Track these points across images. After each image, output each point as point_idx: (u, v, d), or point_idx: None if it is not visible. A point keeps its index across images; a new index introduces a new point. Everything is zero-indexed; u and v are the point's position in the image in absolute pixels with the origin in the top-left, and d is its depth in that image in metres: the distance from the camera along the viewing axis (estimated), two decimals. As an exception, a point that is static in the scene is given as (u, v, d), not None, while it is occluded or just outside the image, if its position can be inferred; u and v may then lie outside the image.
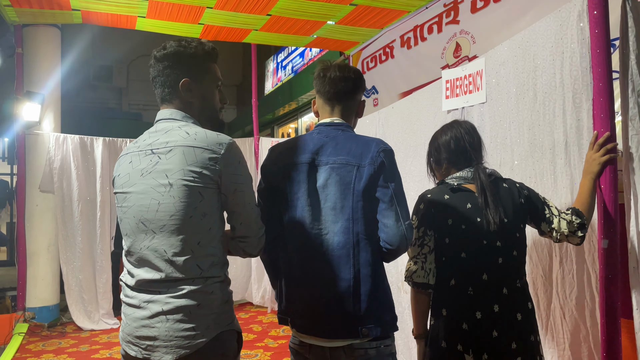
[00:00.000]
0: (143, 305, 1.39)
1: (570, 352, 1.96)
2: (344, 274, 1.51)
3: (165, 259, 1.38)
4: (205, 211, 1.40)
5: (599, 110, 1.68)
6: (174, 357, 1.34)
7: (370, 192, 1.52)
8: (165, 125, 1.47)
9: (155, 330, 1.36)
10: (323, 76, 1.65)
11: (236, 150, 1.45)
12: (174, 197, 1.37)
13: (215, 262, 1.43)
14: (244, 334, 4.59)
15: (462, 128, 1.81)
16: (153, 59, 1.50)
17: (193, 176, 1.38)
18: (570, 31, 1.90)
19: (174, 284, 1.37)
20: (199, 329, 1.36)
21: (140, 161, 1.45)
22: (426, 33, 4.31)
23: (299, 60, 8.54)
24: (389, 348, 1.58)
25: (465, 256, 1.67)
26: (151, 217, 1.40)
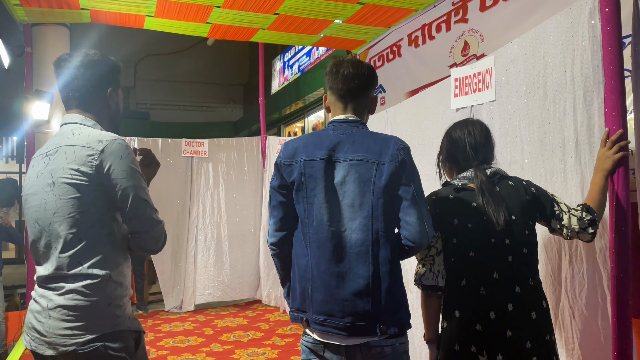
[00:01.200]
0: (37, 299, 1.46)
1: (581, 352, 1.95)
2: (362, 271, 1.51)
3: (53, 256, 1.43)
4: (84, 208, 1.43)
5: (611, 107, 1.67)
6: (54, 352, 1.40)
7: (391, 190, 1.52)
8: (63, 129, 1.54)
9: (41, 325, 1.42)
10: (336, 72, 1.64)
11: (118, 146, 1.46)
12: (55, 195, 1.44)
13: (99, 261, 1.44)
14: (251, 332, 4.63)
15: (467, 128, 1.80)
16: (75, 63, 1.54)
17: (71, 174, 1.43)
18: (581, 28, 1.88)
19: (59, 281, 1.43)
20: (76, 329, 1.39)
21: (38, 164, 1.52)
22: (434, 32, 4.30)
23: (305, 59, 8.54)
24: (404, 346, 1.58)
25: (474, 255, 1.66)
26: (41, 216, 1.46)
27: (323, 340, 1.57)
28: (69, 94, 1.56)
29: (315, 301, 1.56)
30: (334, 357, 1.57)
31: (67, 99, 1.57)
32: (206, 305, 5.81)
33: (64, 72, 1.55)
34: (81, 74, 1.55)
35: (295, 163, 1.59)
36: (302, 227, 1.59)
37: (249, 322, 5.12)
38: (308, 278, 1.57)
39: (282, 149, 1.65)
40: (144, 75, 12.19)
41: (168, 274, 5.62)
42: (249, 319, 5.25)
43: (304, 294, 1.59)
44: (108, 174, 1.43)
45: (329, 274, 1.53)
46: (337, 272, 1.53)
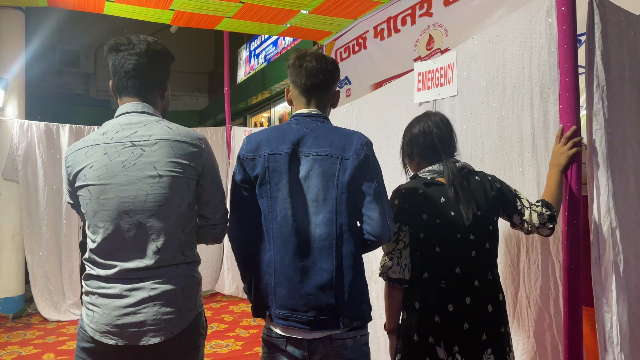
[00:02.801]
0: (125, 294, 1.42)
1: (535, 340, 2.02)
2: (326, 265, 1.52)
3: (153, 247, 1.44)
4: (190, 201, 1.51)
5: (565, 104, 1.72)
6: (161, 339, 1.41)
7: (354, 185, 1.53)
8: (141, 119, 1.52)
9: (142, 315, 1.41)
10: (299, 66, 1.62)
11: (209, 145, 1.59)
12: (163, 188, 1.45)
13: (194, 248, 1.56)
14: (214, 324, 4.62)
15: (431, 121, 1.80)
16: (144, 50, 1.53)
17: (181, 168, 1.47)
18: (539, 26, 1.93)
19: (159, 271, 1.44)
20: (182, 311, 1.46)
21: (120, 153, 1.46)
22: (400, 25, 4.33)
23: (272, 49, 8.46)
24: (365, 338, 1.60)
25: (440, 250, 1.69)
26: (137, 207, 1.43)
27: (286, 334, 1.57)
28: (127, 82, 1.54)
29: (278, 296, 1.56)
30: (296, 351, 1.57)
31: (125, 86, 1.55)
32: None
33: (123, 58, 1.53)
34: (145, 63, 1.54)
35: (259, 157, 1.57)
36: (265, 221, 1.58)
37: (212, 314, 5.09)
38: (271, 273, 1.57)
39: (244, 143, 1.63)
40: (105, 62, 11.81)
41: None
42: (213, 311, 5.22)
43: (267, 289, 1.58)
44: (208, 171, 1.54)
45: (292, 268, 1.53)
46: (301, 267, 1.53)
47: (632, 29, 1.82)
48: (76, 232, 5.29)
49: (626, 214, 1.76)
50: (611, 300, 1.68)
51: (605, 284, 1.70)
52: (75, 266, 5.25)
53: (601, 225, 1.71)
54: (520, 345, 2.07)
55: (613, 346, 1.68)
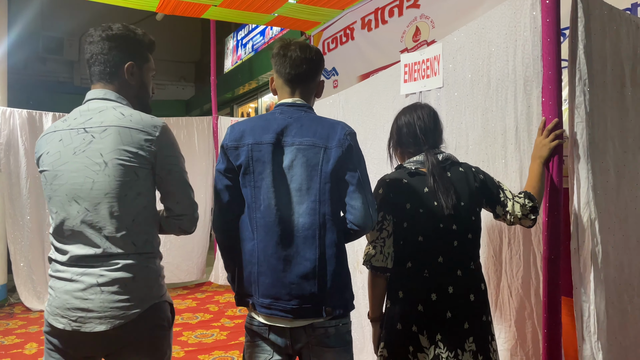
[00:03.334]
0: (76, 278, 1.43)
1: (516, 328, 2.06)
2: (309, 254, 1.53)
3: (101, 235, 1.43)
4: (140, 190, 1.47)
5: (548, 97, 1.74)
6: (107, 327, 1.40)
7: (338, 174, 1.54)
8: (100, 105, 1.51)
9: (89, 302, 1.41)
10: (283, 55, 1.62)
11: (169, 132, 1.53)
12: (109, 175, 1.43)
13: (149, 239, 1.50)
14: (200, 314, 4.61)
15: (417, 113, 1.82)
16: (97, 37, 1.54)
17: (129, 156, 1.44)
18: (523, 19, 1.94)
19: (109, 259, 1.43)
20: (133, 301, 1.43)
21: (72, 139, 1.48)
22: (387, 16, 4.33)
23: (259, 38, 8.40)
24: (347, 326, 1.62)
25: (422, 240, 1.71)
26: (85, 195, 1.44)
27: (268, 323, 1.58)
28: (91, 68, 1.56)
29: (261, 285, 1.57)
30: (278, 339, 1.58)
31: (92, 73, 1.57)
32: (154, 287, 5.73)
33: (87, 46, 1.55)
34: (99, 50, 1.54)
35: (243, 146, 1.57)
36: (249, 211, 1.58)
37: (197, 304, 5.09)
38: (254, 262, 1.57)
39: (228, 132, 1.63)
40: (90, 50, 11.66)
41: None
42: (198, 301, 5.22)
43: (250, 278, 1.59)
44: (162, 159, 1.49)
45: (275, 257, 1.54)
46: (284, 256, 1.54)
47: (614, 23, 1.84)
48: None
49: (606, 206, 1.79)
50: (589, 290, 1.72)
51: (584, 274, 1.73)
52: (59, 256, 5.20)
53: (581, 217, 1.73)
54: (502, 333, 2.10)
55: (590, 335, 1.72)
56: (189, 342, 3.88)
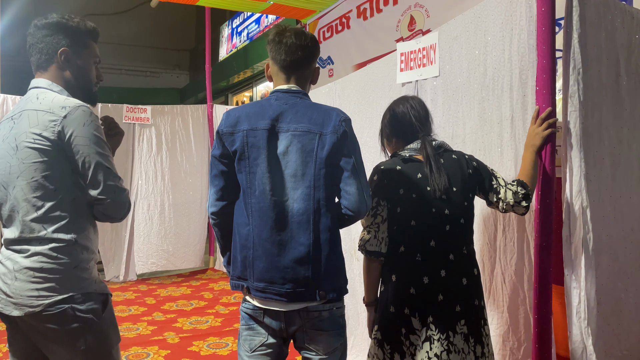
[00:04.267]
0: (3, 261, 1.48)
1: (508, 314, 2.09)
2: (303, 239, 1.54)
3: (17, 220, 1.46)
4: (47, 173, 1.44)
5: (542, 86, 1.75)
6: (20, 313, 1.42)
7: (332, 160, 1.55)
8: (29, 94, 1.55)
9: (7, 286, 1.44)
10: (279, 42, 1.62)
11: (82, 113, 1.46)
12: (18, 159, 1.45)
13: (63, 225, 1.46)
14: (194, 301, 4.64)
15: (409, 103, 1.86)
16: (33, 27, 1.57)
17: (34, 138, 1.43)
18: (519, 8, 1.95)
19: (24, 244, 1.45)
20: (43, 291, 1.42)
21: (4, 128, 1.53)
22: (382, 5, 4.32)
23: (254, 26, 8.36)
24: (341, 310, 1.64)
25: (415, 224, 1.74)
26: (6, 179, 1.48)
27: (263, 306, 1.60)
28: (30, 58, 1.58)
29: (256, 269, 1.58)
30: (273, 322, 1.61)
31: (31, 63, 1.58)
32: (150, 274, 5.75)
33: (27, 38, 1.57)
34: (35, 37, 1.56)
35: (238, 132, 1.58)
36: (244, 196, 1.60)
37: (192, 292, 5.11)
38: (249, 247, 1.59)
39: (224, 118, 1.64)
40: (83, 36, 11.53)
41: (109, 243, 5.52)
42: (193, 288, 5.24)
43: (245, 262, 1.61)
44: (70, 141, 1.44)
45: (270, 242, 1.56)
46: (279, 241, 1.56)
47: (610, 13, 1.86)
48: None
49: (600, 195, 1.82)
50: (580, 277, 1.74)
51: (575, 261, 1.76)
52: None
53: (573, 205, 1.76)
54: (494, 319, 2.14)
55: (580, 321, 1.75)
56: (183, 329, 3.90)
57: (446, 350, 1.66)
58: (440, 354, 1.66)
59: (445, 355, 1.66)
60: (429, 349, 1.67)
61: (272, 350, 1.63)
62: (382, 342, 1.76)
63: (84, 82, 1.61)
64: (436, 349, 1.67)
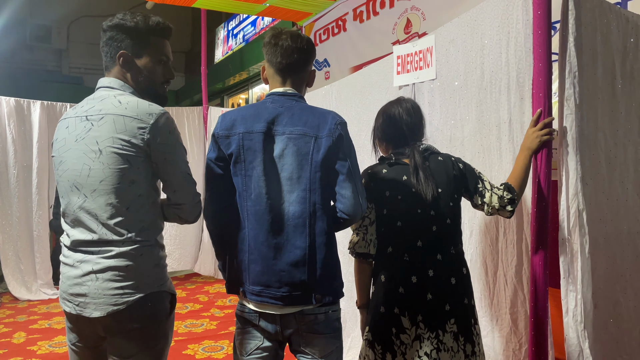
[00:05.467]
0: (76, 265, 1.48)
1: (510, 316, 2.09)
2: (299, 242, 1.54)
3: (97, 222, 1.46)
4: (133, 178, 1.47)
5: (538, 89, 1.76)
6: (102, 313, 1.44)
7: (328, 164, 1.55)
8: (103, 93, 1.54)
9: (86, 287, 1.45)
10: (274, 44, 1.62)
11: (167, 120, 1.51)
12: (103, 163, 1.45)
13: (145, 227, 1.51)
14: (189, 304, 4.61)
15: (402, 108, 1.86)
16: (102, 29, 1.58)
17: (122, 144, 1.45)
18: (515, 12, 1.96)
19: (105, 245, 1.46)
20: (127, 289, 1.45)
21: (76, 127, 1.51)
22: (378, 7, 4.33)
23: (250, 29, 8.36)
24: (336, 313, 1.64)
25: (401, 225, 1.76)
26: (83, 181, 1.47)
27: (259, 310, 1.59)
28: (103, 58, 1.59)
29: (252, 272, 1.58)
30: (268, 326, 1.60)
31: (104, 62, 1.59)
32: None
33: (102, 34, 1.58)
34: (105, 38, 1.57)
35: (234, 135, 1.58)
36: (240, 199, 1.59)
37: (187, 294, 5.09)
38: (245, 250, 1.58)
39: (219, 121, 1.63)
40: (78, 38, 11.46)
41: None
42: (188, 291, 5.22)
43: (241, 266, 1.60)
44: (157, 148, 1.48)
45: (266, 245, 1.55)
46: (275, 244, 1.55)
47: (605, 17, 1.86)
48: (47, 211, 5.20)
49: (597, 198, 1.82)
50: (577, 280, 1.74)
51: (572, 264, 1.76)
52: (46, 245, 5.17)
53: (569, 208, 1.76)
54: (498, 321, 2.15)
55: (577, 324, 1.75)
56: (178, 332, 3.88)
57: (436, 348, 1.68)
58: (430, 352, 1.68)
59: (435, 354, 1.68)
60: (419, 347, 1.69)
61: (267, 353, 1.63)
62: (373, 343, 1.77)
63: (147, 84, 1.61)
64: (426, 348, 1.68)
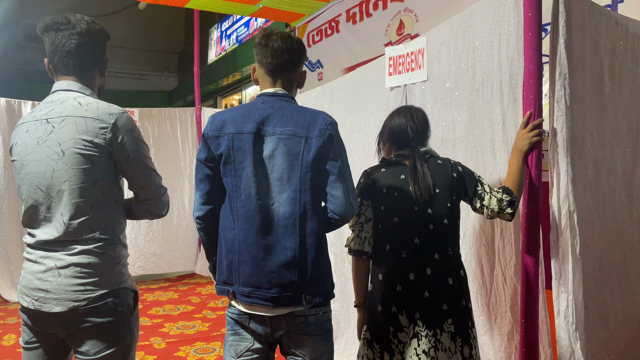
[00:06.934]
0: (39, 260, 1.50)
1: (511, 314, 2.10)
2: (289, 243, 1.53)
3: (60, 221, 1.49)
4: (97, 178, 1.51)
5: (528, 90, 1.77)
6: (63, 308, 1.46)
7: (319, 164, 1.54)
8: (62, 96, 1.57)
9: (48, 283, 1.47)
10: (265, 45, 1.61)
11: (127, 119, 1.55)
12: (66, 164, 1.48)
13: (109, 226, 1.54)
14: (182, 306, 4.60)
15: (409, 113, 1.90)
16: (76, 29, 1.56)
17: (84, 144, 1.48)
18: (507, 14, 1.97)
19: (69, 243, 1.49)
20: (89, 285, 1.48)
21: (37, 130, 1.53)
22: (371, 9, 4.34)
23: (244, 29, 8.35)
24: (327, 315, 1.63)
25: (398, 221, 1.77)
26: (47, 182, 1.50)
27: (249, 311, 1.59)
28: (64, 61, 1.57)
29: (242, 273, 1.57)
30: (258, 327, 1.59)
31: (65, 65, 1.58)
32: (137, 278, 5.68)
33: (60, 37, 1.55)
34: (86, 43, 1.57)
35: (223, 136, 1.57)
36: (230, 200, 1.58)
37: (179, 296, 5.06)
38: (235, 251, 1.58)
39: (209, 121, 1.63)
40: (71, 38, 11.44)
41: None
42: (180, 293, 5.20)
43: (231, 267, 1.59)
44: (119, 146, 1.52)
45: (256, 246, 1.55)
46: (265, 245, 1.55)
47: (594, 19, 1.87)
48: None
49: (585, 199, 1.83)
50: (568, 281, 1.75)
51: (563, 265, 1.77)
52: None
53: (560, 209, 1.77)
54: (497, 318, 2.15)
55: (569, 325, 1.76)
56: (170, 334, 3.86)
57: (433, 347, 1.69)
58: (428, 350, 1.69)
59: (433, 352, 1.68)
60: (417, 345, 1.69)
61: (258, 355, 1.62)
62: (371, 342, 1.77)
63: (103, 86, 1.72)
64: (424, 346, 1.69)
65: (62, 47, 1.56)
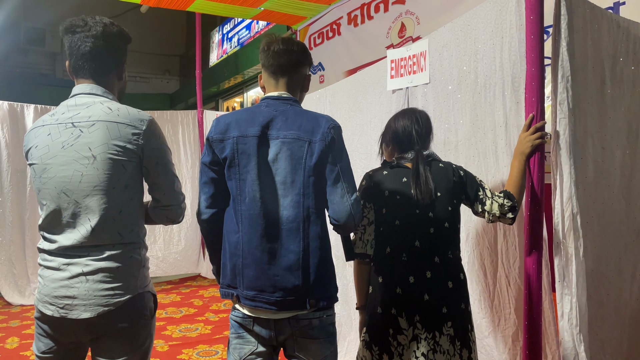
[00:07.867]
0: (62, 267, 1.48)
1: (515, 316, 2.11)
2: (293, 247, 1.54)
3: (87, 226, 1.47)
4: (127, 183, 1.51)
5: (530, 93, 1.77)
6: (92, 314, 1.45)
7: (321, 168, 1.55)
8: (86, 100, 1.55)
9: (75, 290, 1.46)
10: (267, 49, 1.64)
11: (156, 125, 1.57)
12: (97, 169, 1.47)
13: (134, 230, 1.55)
14: (184, 309, 4.60)
15: (414, 116, 1.90)
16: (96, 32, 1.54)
17: (117, 150, 1.48)
18: (509, 17, 1.97)
19: (95, 249, 1.48)
20: (117, 290, 1.48)
21: (61, 134, 1.51)
22: (373, 11, 4.34)
23: (245, 32, 8.37)
24: (331, 318, 1.64)
25: (399, 224, 1.78)
26: (74, 187, 1.48)
27: (253, 315, 1.59)
28: (84, 64, 1.56)
29: (246, 277, 1.57)
30: (262, 331, 1.59)
31: (81, 68, 1.57)
32: (138, 281, 5.69)
33: (80, 40, 1.54)
34: (101, 45, 1.55)
35: (228, 139, 1.58)
36: (234, 203, 1.59)
37: (182, 299, 5.06)
38: (239, 254, 1.58)
39: (213, 125, 1.64)
40: (72, 41, 11.48)
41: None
42: (183, 295, 5.20)
43: (235, 270, 1.60)
44: (149, 152, 1.53)
45: (260, 250, 1.55)
46: (269, 248, 1.55)
47: (596, 22, 1.88)
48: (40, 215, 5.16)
49: (585, 201, 1.83)
50: (571, 283, 1.75)
51: (567, 267, 1.77)
52: (41, 250, 5.14)
53: (563, 211, 1.77)
54: (501, 320, 2.15)
55: (572, 327, 1.75)
56: (173, 336, 3.86)
57: (432, 349, 1.69)
58: (427, 352, 1.69)
59: (432, 355, 1.69)
60: (416, 348, 1.70)
61: (262, 358, 1.62)
62: (370, 344, 1.77)
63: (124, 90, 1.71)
64: (423, 348, 1.69)
65: (77, 50, 1.55)
